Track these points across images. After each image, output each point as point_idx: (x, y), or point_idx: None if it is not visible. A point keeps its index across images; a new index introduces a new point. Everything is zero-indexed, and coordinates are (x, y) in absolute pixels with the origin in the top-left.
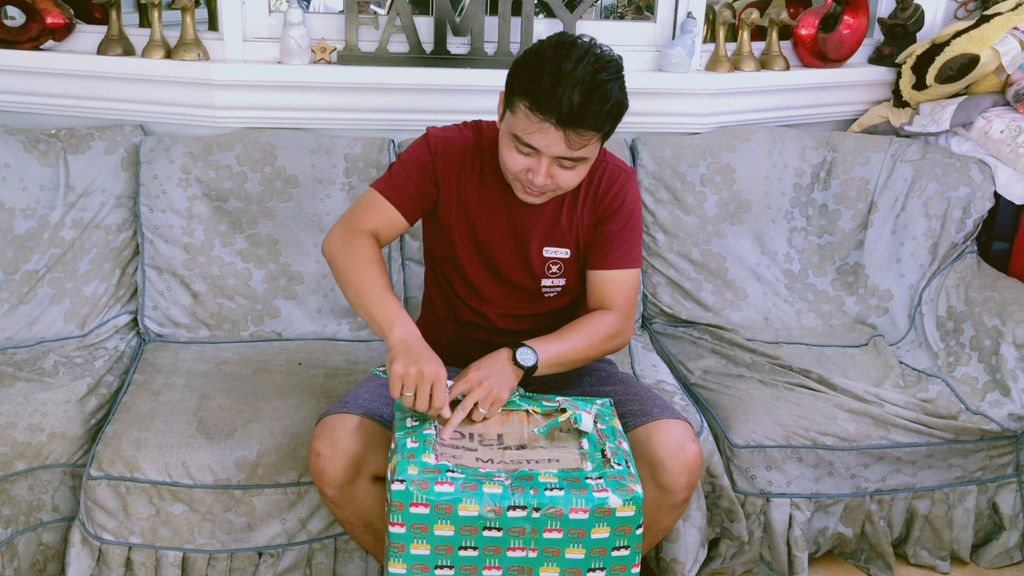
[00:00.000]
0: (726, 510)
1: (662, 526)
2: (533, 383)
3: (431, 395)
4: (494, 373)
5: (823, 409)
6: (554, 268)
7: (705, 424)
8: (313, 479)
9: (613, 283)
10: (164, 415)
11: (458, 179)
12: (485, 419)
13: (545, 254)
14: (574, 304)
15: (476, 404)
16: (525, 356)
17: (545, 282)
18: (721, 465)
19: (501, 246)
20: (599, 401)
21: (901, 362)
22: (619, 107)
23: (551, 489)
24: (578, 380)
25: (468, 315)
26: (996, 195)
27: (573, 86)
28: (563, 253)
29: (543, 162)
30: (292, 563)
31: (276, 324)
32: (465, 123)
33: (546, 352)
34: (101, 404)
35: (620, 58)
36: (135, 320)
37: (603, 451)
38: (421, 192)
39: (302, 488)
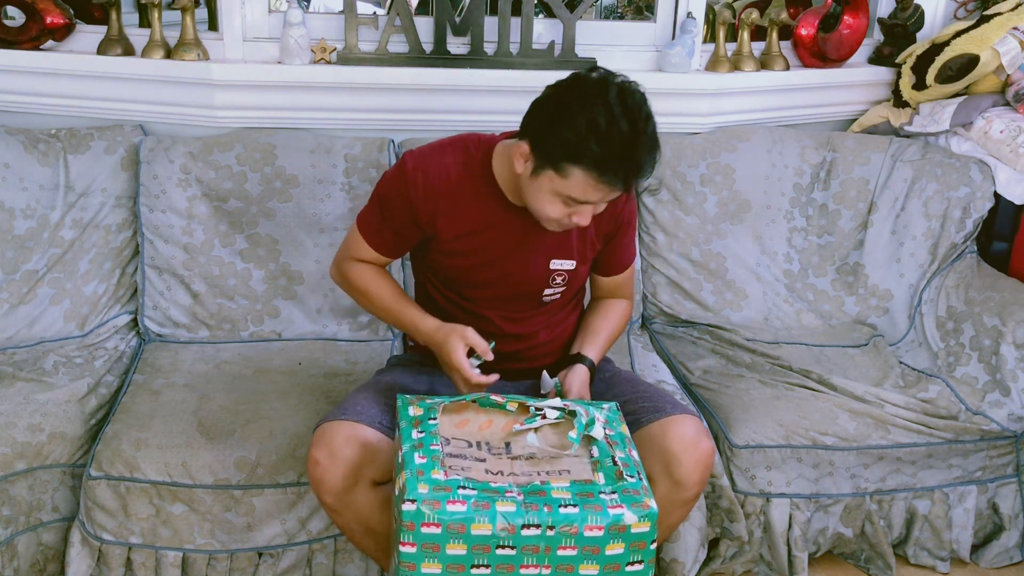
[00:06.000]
0: (726, 510)
1: (672, 522)
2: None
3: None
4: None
5: (823, 409)
6: (559, 279)
7: (705, 424)
8: (311, 486)
9: (624, 279)
10: (164, 415)
11: (452, 208)
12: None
13: (552, 266)
14: (568, 302)
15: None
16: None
17: (547, 291)
18: (721, 465)
19: (509, 263)
20: (606, 405)
21: (901, 362)
22: None
23: (565, 506)
24: None
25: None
26: (996, 195)
27: (640, 148)
28: (568, 265)
29: (591, 208)
30: (292, 563)
31: (276, 324)
32: (445, 144)
33: (598, 357)
34: (101, 404)
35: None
36: (135, 320)
37: (613, 458)
38: (400, 238)
39: (302, 488)
